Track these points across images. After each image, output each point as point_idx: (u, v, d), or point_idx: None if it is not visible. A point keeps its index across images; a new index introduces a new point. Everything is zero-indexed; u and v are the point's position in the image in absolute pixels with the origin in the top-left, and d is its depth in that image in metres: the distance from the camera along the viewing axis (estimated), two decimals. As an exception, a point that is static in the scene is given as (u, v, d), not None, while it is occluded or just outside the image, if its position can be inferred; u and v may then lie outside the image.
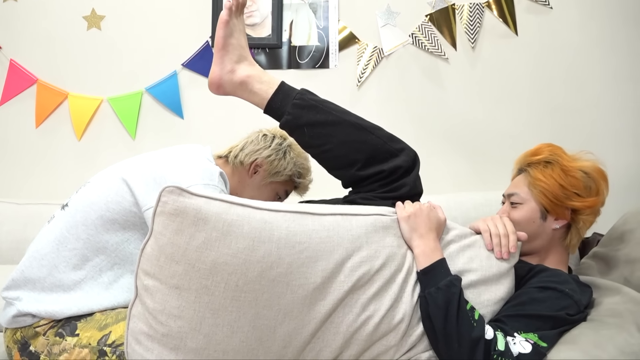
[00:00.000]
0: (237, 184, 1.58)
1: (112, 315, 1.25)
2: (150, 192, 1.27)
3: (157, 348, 1.01)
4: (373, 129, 1.31)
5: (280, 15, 1.97)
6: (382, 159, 1.28)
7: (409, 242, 1.18)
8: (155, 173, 1.29)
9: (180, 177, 1.27)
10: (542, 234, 1.37)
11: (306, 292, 1.06)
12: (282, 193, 1.63)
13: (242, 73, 1.30)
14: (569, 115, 2.05)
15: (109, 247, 1.27)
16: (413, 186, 1.30)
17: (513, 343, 1.10)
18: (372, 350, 1.12)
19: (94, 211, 1.28)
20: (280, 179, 1.58)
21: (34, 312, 1.23)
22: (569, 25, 2.00)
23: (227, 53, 1.29)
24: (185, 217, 1.00)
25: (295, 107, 1.29)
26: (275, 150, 1.57)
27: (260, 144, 1.58)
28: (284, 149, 1.58)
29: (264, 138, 1.59)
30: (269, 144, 1.58)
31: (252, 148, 1.57)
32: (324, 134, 1.28)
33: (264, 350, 1.04)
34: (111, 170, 1.36)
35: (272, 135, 1.60)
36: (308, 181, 1.65)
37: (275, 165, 1.57)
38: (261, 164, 1.56)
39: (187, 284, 0.99)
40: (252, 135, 1.61)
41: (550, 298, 1.19)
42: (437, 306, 1.10)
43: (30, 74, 2.01)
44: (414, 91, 2.03)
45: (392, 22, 1.99)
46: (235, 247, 1.00)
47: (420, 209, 1.19)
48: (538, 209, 1.36)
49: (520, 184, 1.41)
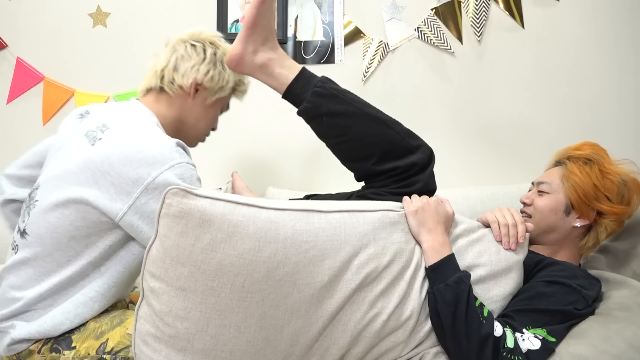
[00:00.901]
0: (180, 111, 1.40)
1: (106, 322, 1.23)
2: (114, 198, 1.16)
3: (165, 349, 1.01)
4: (392, 123, 1.30)
5: (286, 10, 1.97)
6: (398, 155, 1.27)
7: (417, 236, 1.18)
8: (110, 175, 1.17)
9: (141, 169, 1.15)
10: (561, 228, 1.37)
11: (313, 291, 1.05)
12: (225, 107, 1.51)
13: (264, 56, 1.30)
14: (575, 108, 2.03)
15: (93, 260, 1.21)
16: (426, 183, 1.29)
17: (522, 339, 1.09)
18: (380, 347, 1.12)
19: (63, 235, 1.20)
20: (225, 93, 1.43)
21: (27, 336, 1.19)
22: (575, 18, 1.99)
23: (254, 33, 1.28)
24: (190, 219, 0.98)
25: (316, 95, 1.27)
26: (212, 62, 1.39)
27: (193, 58, 1.37)
28: (219, 58, 1.40)
29: (193, 49, 1.38)
30: (203, 55, 1.38)
31: (186, 66, 1.37)
32: (342, 125, 1.27)
33: (272, 350, 1.04)
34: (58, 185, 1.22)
35: (200, 43, 1.40)
36: (247, 84, 1.51)
37: (217, 81, 1.39)
38: (201, 81, 1.38)
39: (193, 286, 0.99)
40: (176, 46, 1.40)
41: (558, 293, 1.19)
42: (445, 303, 1.09)
43: (37, 71, 2.02)
44: (419, 85, 2.02)
45: (397, 16, 1.98)
46: (240, 248, 1.00)
47: (427, 203, 1.19)
48: (564, 202, 1.36)
49: (553, 174, 1.41)
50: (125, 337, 1.20)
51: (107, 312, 1.28)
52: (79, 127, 1.30)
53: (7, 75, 2.02)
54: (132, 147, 1.18)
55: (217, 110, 1.47)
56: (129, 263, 1.24)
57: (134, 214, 1.16)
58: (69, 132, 1.33)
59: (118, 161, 1.16)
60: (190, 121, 1.42)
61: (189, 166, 1.20)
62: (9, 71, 2.02)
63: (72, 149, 1.25)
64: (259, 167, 2.04)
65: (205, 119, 1.44)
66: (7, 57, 2.02)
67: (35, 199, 1.25)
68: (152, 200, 1.16)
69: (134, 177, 1.15)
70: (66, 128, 1.36)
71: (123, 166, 1.16)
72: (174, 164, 1.17)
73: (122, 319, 1.25)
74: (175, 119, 1.40)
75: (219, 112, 1.49)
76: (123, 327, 1.23)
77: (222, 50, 1.41)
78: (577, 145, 1.44)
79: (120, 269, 1.24)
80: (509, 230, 1.21)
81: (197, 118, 1.42)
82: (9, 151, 2.05)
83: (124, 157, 1.16)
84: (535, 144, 2.05)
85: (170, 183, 1.14)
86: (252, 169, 2.02)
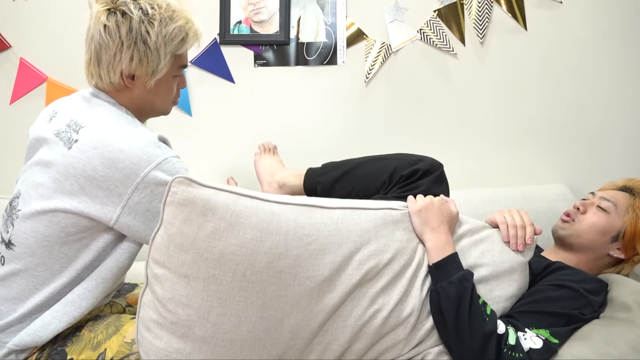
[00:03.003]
0: (131, 100, 1.26)
1: (101, 330, 1.21)
2: (104, 202, 1.13)
3: (166, 336, 1.02)
4: (390, 155, 1.45)
5: (288, 11, 1.97)
6: (402, 170, 1.38)
7: (420, 235, 1.18)
8: (96, 180, 1.13)
9: (127, 170, 1.12)
10: (598, 251, 1.36)
11: (314, 285, 1.06)
12: (179, 71, 1.31)
13: (280, 181, 1.63)
14: (579, 111, 2.03)
15: (88, 264, 1.19)
16: (429, 186, 1.32)
17: (524, 338, 1.09)
18: (381, 344, 1.12)
19: (54, 242, 1.16)
20: (164, 71, 1.24)
21: (19, 343, 1.15)
22: (578, 20, 1.99)
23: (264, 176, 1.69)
24: (194, 207, 1.01)
25: (322, 176, 1.50)
26: (132, 45, 1.17)
27: (110, 45, 1.17)
28: (140, 35, 1.17)
29: (107, 32, 1.17)
30: (118, 40, 1.17)
31: (107, 58, 1.19)
32: (349, 180, 1.44)
33: (272, 341, 1.05)
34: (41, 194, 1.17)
35: (113, 20, 1.16)
36: (193, 39, 1.28)
37: (146, 64, 1.20)
38: (130, 72, 1.21)
39: (195, 273, 1.01)
40: (92, 28, 1.20)
41: (565, 297, 1.18)
42: (449, 300, 1.09)
43: (40, 72, 2.02)
44: (422, 87, 2.02)
45: (400, 18, 1.98)
46: (243, 238, 1.01)
47: (431, 203, 1.19)
48: (618, 229, 1.35)
49: (620, 198, 1.38)
50: (124, 346, 1.18)
51: (100, 318, 1.26)
52: (49, 129, 1.25)
53: (11, 76, 2.02)
54: (113, 148, 1.14)
55: (170, 84, 1.30)
56: (117, 259, 1.22)
57: (128, 215, 1.15)
58: (40, 135, 1.27)
59: (101, 165, 1.13)
60: (145, 105, 1.29)
61: (174, 160, 1.18)
62: (12, 72, 2.02)
63: (48, 154, 1.20)
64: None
65: (159, 97, 1.29)
66: (11, 58, 2.02)
67: (18, 208, 1.21)
68: (145, 198, 1.15)
69: (121, 178, 1.13)
70: (36, 131, 1.30)
71: (108, 169, 1.13)
72: (161, 161, 1.15)
73: (117, 326, 1.23)
74: (132, 106, 1.27)
75: (174, 82, 1.31)
76: (120, 335, 1.21)
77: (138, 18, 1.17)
78: None
79: (109, 265, 1.21)
80: (517, 232, 1.21)
81: (150, 101, 1.28)
82: (12, 152, 2.05)
83: (107, 159, 1.13)
84: (538, 146, 2.05)
85: (160, 181, 1.14)
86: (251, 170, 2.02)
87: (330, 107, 2.03)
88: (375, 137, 2.03)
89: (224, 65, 1.99)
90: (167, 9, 1.21)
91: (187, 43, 1.26)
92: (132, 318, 1.26)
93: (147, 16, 1.18)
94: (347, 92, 2.02)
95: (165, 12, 1.20)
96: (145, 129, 1.22)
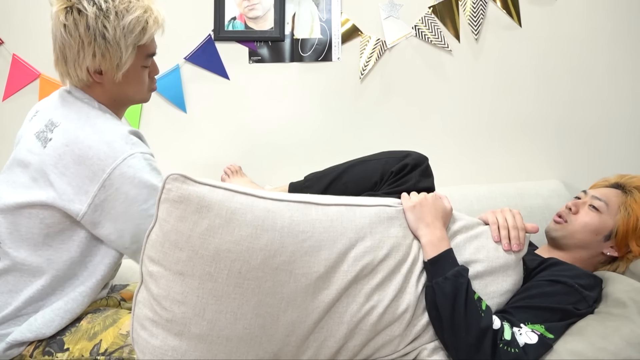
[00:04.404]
0: (104, 94, 1.26)
1: (99, 322, 1.23)
2: (72, 199, 1.15)
3: (162, 333, 1.02)
4: (373, 156, 1.45)
5: (283, 8, 1.96)
6: (391, 166, 1.38)
7: (415, 231, 1.18)
8: (66, 176, 1.15)
9: (95, 167, 1.13)
10: (591, 250, 1.36)
11: (309, 281, 1.06)
12: (146, 61, 1.29)
13: None
14: (573, 107, 2.04)
15: (76, 257, 1.21)
16: (418, 180, 1.34)
17: (519, 334, 1.10)
18: (377, 341, 1.13)
19: (37, 234, 1.19)
20: (129, 63, 1.22)
21: (20, 338, 1.18)
22: (572, 17, 1.99)
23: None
24: (188, 204, 1.00)
25: (307, 189, 1.46)
26: (92, 42, 1.17)
27: (71, 43, 1.17)
28: (98, 30, 1.16)
29: (67, 31, 1.17)
30: (78, 38, 1.16)
31: (71, 56, 1.18)
32: (339, 187, 1.42)
33: (267, 338, 1.05)
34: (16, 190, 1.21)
35: (71, 19, 1.16)
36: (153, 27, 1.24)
37: (109, 60, 1.19)
38: (96, 68, 1.20)
39: (190, 270, 1.00)
40: (53, 28, 1.20)
41: (560, 293, 1.19)
42: (444, 296, 1.09)
43: (33, 68, 2.01)
44: (417, 84, 2.02)
45: (395, 15, 1.98)
46: (238, 235, 1.01)
47: (425, 199, 1.20)
48: (610, 228, 1.35)
49: (612, 196, 1.38)
50: (119, 338, 1.20)
51: (99, 311, 1.28)
52: (30, 129, 1.28)
53: (3, 72, 2.01)
54: (83, 145, 1.15)
55: (137, 73, 1.27)
56: (108, 253, 1.23)
57: (94, 212, 1.16)
58: (23, 135, 1.31)
59: (72, 161, 1.15)
60: (120, 96, 1.28)
61: (142, 156, 1.17)
62: (4, 68, 2.01)
63: (27, 155, 1.23)
64: (256, 165, 2.03)
65: (131, 88, 1.28)
66: (3, 54, 2.01)
67: None
68: (111, 196, 1.15)
69: (89, 175, 1.14)
70: (20, 132, 1.35)
71: (77, 166, 1.15)
72: (127, 156, 1.15)
73: (114, 318, 1.24)
74: (107, 99, 1.27)
75: (143, 72, 1.29)
76: (116, 327, 1.22)
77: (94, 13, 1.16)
78: None
79: (107, 262, 1.23)
80: (509, 232, 1.21)
81: (123, 92, 1.27)
82: (4, 148, 2.04)
83: (77, 156, 1.15)
84: (533, 143, 2.06)
85: (126, 176, 1.14)
86: (249, 167, 2.02)
87: (325, 103, 2.03)
88: (370, 134, 2.03)
89: (219, 61, 1.98)
90: (121, 1, 1.19)
91: (148, 32, 1.23)
92: (130, 312, 1.28)
93: (102, 11, 1.17)
94: (342, 88, 2.01)
95: (120, 4, 1.18)
96: (116, 124, 1.21)
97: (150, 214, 1.15)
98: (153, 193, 1.16)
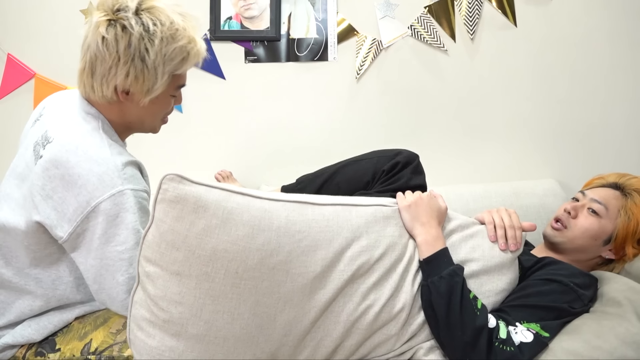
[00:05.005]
0: (120, 114, 1.21)
1: (89, 322, 1.23)
2: (55, 225, 1.11)
3: (159, 334, 1.02)
4: (364, 155, 1.44)
5: (279, 7, 1.96)
6: (383, 165, 1.38)
7: (410, 230, 1.18)
8: (53, 200, 1.11)
9: (81, 197, 1.09)
10: (590, 253, 1.35)
11: (306, 281, 1.07)
12: (176, 91, 1.26)
13: None
14: (569, 106, 2.05)
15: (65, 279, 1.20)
16: (410, 177, 1.34)
17: (515, 332, 1.10)
18: (373, 340, 1.13)
19: (24, 256, 1.17)
20: (159, 91, 1.18)
21: (12, 341, 1.18)
22: (568, 16, 2.00)
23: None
24: (185, 204, 1.00)
25: (299, 192, 1.41)
26: (129, 62, 1.12)
27: (106, 58, 1.11)
28: (139, 52, 1.12)
29: (105, 45, 1.11)
30: (115, 54, 1.11)
31: (102, 70, 1.13)
32: (332, 188, 1.42)
33: (265, 338, 1.05)
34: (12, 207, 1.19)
35: (112, 33, 1.11)
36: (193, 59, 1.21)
37: (142, 82, 1.14)
38: (125, 88, 1.15)
39: (187, 271, 1.00)
40: (89, 37, 1.13)
41: (555, 292, 1.19)
42: (440, 295, 1.10)
43: (28, 68, 2.00)
44: (413, 83, 2.02)
45: (390, 14, 1.98)
46: (235, 235, 1.01)
47: (421, 198, 1.20)
48: (610, 232, 1.32)
49: (611, 199, 1.34)
50: (109, 336, 1.20)
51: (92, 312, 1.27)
52: (32, 133, 1.24)
53: (-2, 72, 2.00)
54: (73, 171, 1.10)
55: (164, 102, 1.24)
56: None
57: (75, 239, 1.11)
58: (26, 135, 1.28)
59: (60, 186, 1.10)
60: (135, 121, 1.24)
61: (133, 193, 1.11)
62: (-1, 67, 2.00)
63: (24, 166, 1.20)
64: (252, 164, 2.03)
65: (150, 115, 1.24)
66: (-2, 54, 2.00)
67: None
68: (91, 228, 1.10)
69: (74, 204, 1.09)
70: (25, 130, 1.30)
71: (65, 192, 1.09)
72: (115, 192, 1.09)
73: (105, 318, 1.24)
74: (120, 121, 1.23)
75: (169, 101, 1.27)
76: (107, 326, 1.22)
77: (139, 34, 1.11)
78: None
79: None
80: (506, 232, 1.20)
81: (140, 118, 1.23)
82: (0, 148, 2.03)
83: (66, 182, 1.10)
84: (528, 142, 2.06)
85: (109, 214, 1.09)
86: (245, 166, 2.02)
87: (321, 103, 2.03)
88: (366, 133, 2.03)
89: (215, 61, 1.98)
90: (170, 27, 1.14)
91: (188, 63, 1.20)
92: None
93: (148, 33, 1.12)
94: (338, 88, 2.01)
95: (168, 30, 1.13)
96: (114, 152, 1.14)
97: (123, 258, 1.10)
98: (132, 236, 1.10)
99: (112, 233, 1.09)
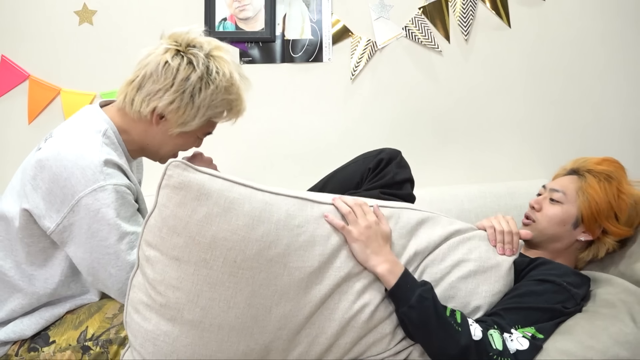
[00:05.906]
0: (142, 134, 1.25)
1: (83, 311, 1.23)
2: (43, 215, 1.14)
3: (155, 318, 1.03)
4: (352, 160, 1.46)
5: (273, 8, 1.96)
6: (369, 164, 1.40)
7: (365, 263, 1.12)
8: (42, 190, 1.13)
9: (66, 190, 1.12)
10: (565, 240, 1.37)
11: (303, 275, 1.07)
12: (202, 135, 1.32)
13: None
14: (563, 107, 2.06)
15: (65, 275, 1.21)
16: (396, 172, 1.37)
17: (510, 340, 1.10)
18: (368, 339, 1.13)
19: (20, 249, 1.19)
20: (190, 128, 1.23)
21: (4, 337, 1.19)
22: (562, 17, 2.01)
23: None
24: (188, 190, 1.02)
25: None
26: (180, 92, 1.17)
27: (160, 80, 1.17)
28: (192, 88, 1.18)
29: (165, 68, 1.17)
30: (171, 80, 1.17)
31: (150, 89, 1.18)
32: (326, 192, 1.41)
33: (259, 330, 1.06)
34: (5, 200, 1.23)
35: (177, 62, 1.18)
36: (233, 115, 1.30)
37: (181, 114, 1.19)
38: (163, 112, 1.20)
39: (187, 257, 1.01)
40: (152, 55, 1.20)
41: (548, 291, 1.20)
42: (415, 326, 1.09)
43: (22, 69, 1.99)
44: (407, 84, 2.03)
45: (385, 15, 1.99)
46: (235, 224, 1.02)
47: (368, 227, 1.13)
48: (575, 215, 1.35)
49: (568, 184, 1.38)
50: (105, 321, 1.20)
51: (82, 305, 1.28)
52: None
53: (-8, 74, 2.00)
54: (60, 163, 1.12)
55: (188, 140, 1.29)
56: None
57: (62, 232, 1.14)
58: None
59: (48, 177, 1.13)
60: (153, 146, 1.28)
61: (114, 188, 1.13)
62: (-7, 69, 1.99)
63: (28, 157, 1.24)
64: (248, 165, 2.03)
65: (170, 146, 1.28)
66: (-8, 55, 1.99)
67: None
68: (77, 223, 1.12)
69: (60, 196, 1.12)
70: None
71: (52, 183, 1.12)
72: (96, 187, 1.11)
73: (99, 305, 1.25)
74: (138, 139, 1.26)
75: (193, 141, 1.32)
76: (102, 312, 1.23)
77: (199, 73, 1.18)
78: (599, 160, 1.42)
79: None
80: (505, 237, 1.23)
81: (159, 145, 1.27)
82: (-6, 149, 2.03)
83: (54, 174, 1.12)
84: (523, 142, 2.07)
85: (90, 209, 1.11)
86: (240, 167, 2.02)
87: (316, 104, 2.03)
88: (361, 134, 2.04)
89: (209, 62, 1.98)
90: (228, 80, 1.21)
91: (227, 116, 1.28)
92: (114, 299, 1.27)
93: (208, 77, 1.18)
94: (333, 89, 2.02)
95: (225, 81, 1.21)
96: (103, 151, 1.16)
97: (109, 252, 1.13)
98: (114, 231, 1.12)
99: (95, 229, 1.12)
